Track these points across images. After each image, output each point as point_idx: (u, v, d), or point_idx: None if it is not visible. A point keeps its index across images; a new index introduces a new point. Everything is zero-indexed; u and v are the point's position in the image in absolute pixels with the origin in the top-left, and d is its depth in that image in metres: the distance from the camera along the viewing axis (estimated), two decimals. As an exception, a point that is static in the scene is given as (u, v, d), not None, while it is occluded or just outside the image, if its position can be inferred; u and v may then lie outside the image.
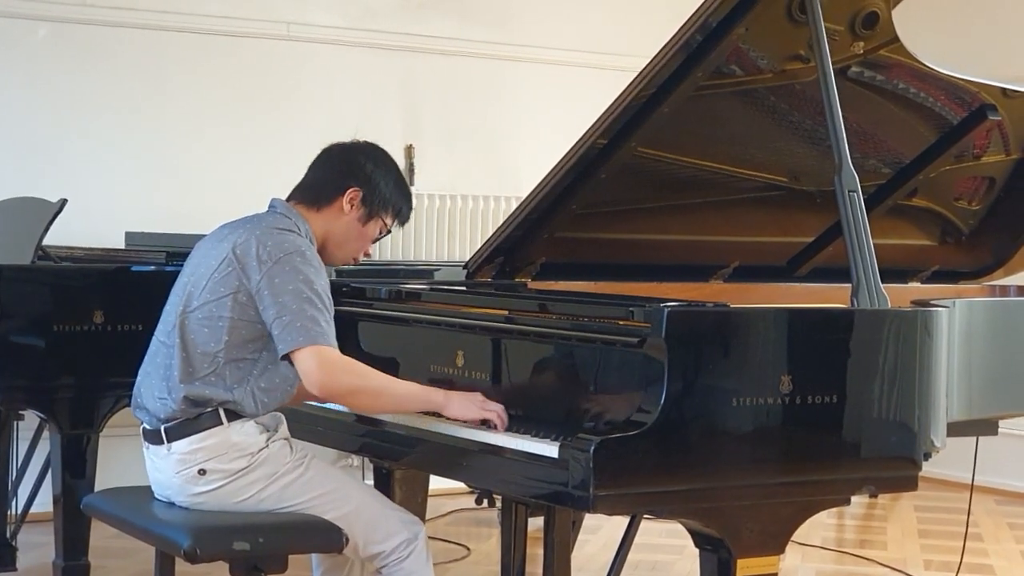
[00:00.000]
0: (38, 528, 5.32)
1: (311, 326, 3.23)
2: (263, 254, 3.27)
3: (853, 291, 3.27)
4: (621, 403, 3.02)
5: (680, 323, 2.93)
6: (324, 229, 3.46)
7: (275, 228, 3.35)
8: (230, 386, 3.30)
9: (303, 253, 3.29)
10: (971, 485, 5.30)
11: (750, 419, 2.98)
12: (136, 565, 5.23)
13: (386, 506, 3.46)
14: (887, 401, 3.14)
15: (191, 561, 3.11)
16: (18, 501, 5.03)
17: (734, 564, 3.02)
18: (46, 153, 6.15)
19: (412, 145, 7.17)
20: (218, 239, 3.41)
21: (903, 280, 4.59)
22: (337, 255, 3.52)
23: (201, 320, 3.32)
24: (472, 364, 3.45)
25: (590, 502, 2.84)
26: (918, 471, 3.21)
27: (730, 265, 4.32)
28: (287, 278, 3.25)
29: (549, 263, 4.05)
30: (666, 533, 5.71)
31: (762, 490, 3.04)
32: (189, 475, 3.29)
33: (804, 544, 5.88)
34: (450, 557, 5.55)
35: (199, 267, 3.38)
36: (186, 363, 3.31)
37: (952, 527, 6.22)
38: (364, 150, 3.54)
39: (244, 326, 3.29)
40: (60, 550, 4.61)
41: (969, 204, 4.61)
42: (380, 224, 3.51)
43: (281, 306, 3.24)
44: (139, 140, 6.38)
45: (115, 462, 5.01)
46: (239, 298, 3.29)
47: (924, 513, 6.76)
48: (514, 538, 3.76)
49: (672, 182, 4.02)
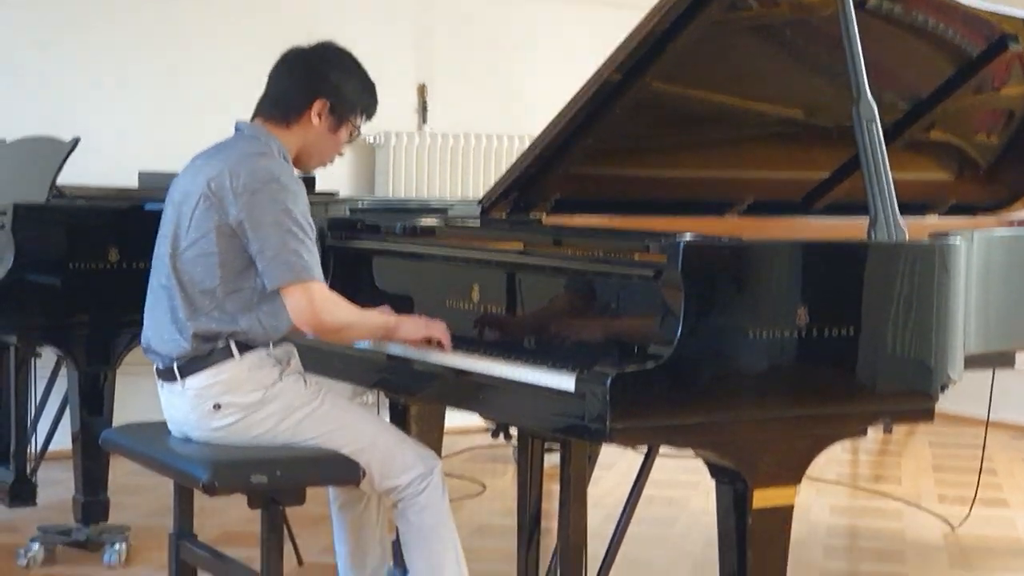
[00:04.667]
0: (57, 465, 5.36)
1: (295, 260, 3.24)
2: (237, 186, 3.26)
3: (871, 223, 3.25)
4: (637, 336, 3.01)
5: (696, 256, 2.92)
6: (296, 143, 3.46)
7: (246, 154, 3.33)
8: (235, 317, 3.30)
9: (278, 180, 3.28)
10: (986, 421, 5.31)
11: (766, 352, 2.98)
12: (155, 501, 5.27)
13: (402, 440, 3.47)
14: (904, 333, 3.14)
15: (209, 494, 3.13)
16: (37, 438, 5.06)
17: (750, 495, 3.02)
18: (58, 93, 6.14)
19: (425, 84, 7.15)
20: (193, 173, 3.40)
21: (920, 214, 4.56)
22: (311, 164, 3.55)
23: (193, 259, 3.33)
24: (488, 298, 3.44)
25: (606, 434, 2.84)
26: (935, 403, 3.20)
27: (745, 201, 4.31)
28: (266, 209, 3.25)
29: (563, 199, 4.03)
30: (682, 469, 5.73)
31: (779, 422, 3.03)
32: (204, 410, 3.30)
33: (819, 480, 5.91)
34: (466, 494, 5.58)
35: (181, 205, 3.38)
36: (188, 302, 3.32)
37: (967, 462, 6.24)
38: (325, 56, 3.50)
39: (234, 257, 3.30)
40: (80, 486, 4.66)
41: (987, 137, 4.58)
42: (350, 127, 3.51)
43: (263, 240, 3.24)
44: (151, 79, 6.36)
45: (132, 400, 5.02)
46: (223, 231, 3.29)
47: (939, 449, 6.78)
48: (530, 474, 3.76)
49: (687, 117, 4.00)
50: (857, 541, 5.22)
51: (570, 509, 3.65)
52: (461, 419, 5.35)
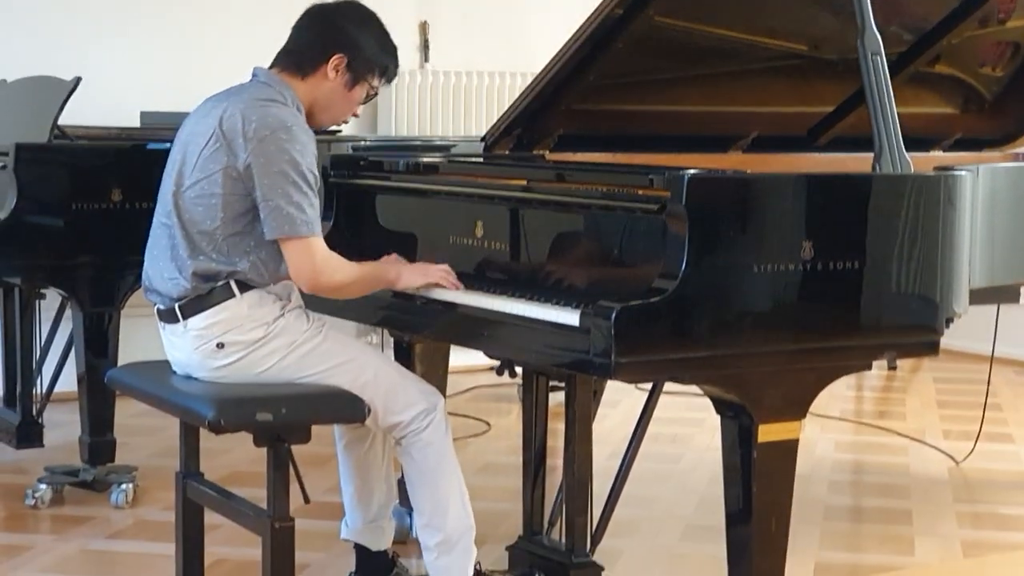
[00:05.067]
0: (63, 407, 5.37)
1: (296, 214, 3.23)
2: (248, 130, 3.24)
3: (876, 156, 3.24)
4: (641, 271, 3.00)
5: (700, 189, 2.91)
6: (310, 96, 3.43)
7: (259, 100, 3.31)
8: (232, 259, 3.29)
9: (288, 129, 3.26)
10: (991, 356, 5.32)
11: (771, 285, 2.97)
12: (160, 442, 5.28)
13: (405, 376, 3.47)
14: (909, 267, 3.13)
15: (215, 432, 3.14)
16: (42, 380, 5.07)
17: (755, 430, 3.02)
18: (59, 33, 6.10)
19: (426, 22, 7.11)
20: (203, 114, 3.38)
21: (925, 149, 4.54)
22: (324, 119, 3.51)
23: (195, 199, 3.31)
24: (491, 234, 3.44)
25: (611, 369, 2.84)
26: (940, 336, 3.20)
27: (749, 135, 4.29)
28: (273, 158, 3.23)
29: (567, 135, 4.03)
30: (686, 407, 5.74)
31: (784, 356, 3.03)
32: (207, 350, 3.30)
33: (823, 416, 5.92)
34: (470, 432, 5.60)
35: (188, 145, 3.36)
36: (188, 241, 3.31)
37: (971, 398, 6.24)
38: (346, 12, 3.48)
39: (237, 201, 3.28)
40: (86, 426, 4.67)
41: (993, 70, 4.55)
42: (366, 87, 3.48)
43: (267, 188, 3.23)
44: (153, 19, 6.32)
45: (136, 341, 5.03)
46: (230, 173, 3.27)
47: (943, 385, 6.79)
48: (535, 411, 3.77)
49: (690, 51, 3.97)
50: (862, 476, 5.24)
51: (575, 446, 3.66)
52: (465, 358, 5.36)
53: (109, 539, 4.30)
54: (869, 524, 4.60)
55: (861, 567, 4.12)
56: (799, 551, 4.03)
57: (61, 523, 4.43)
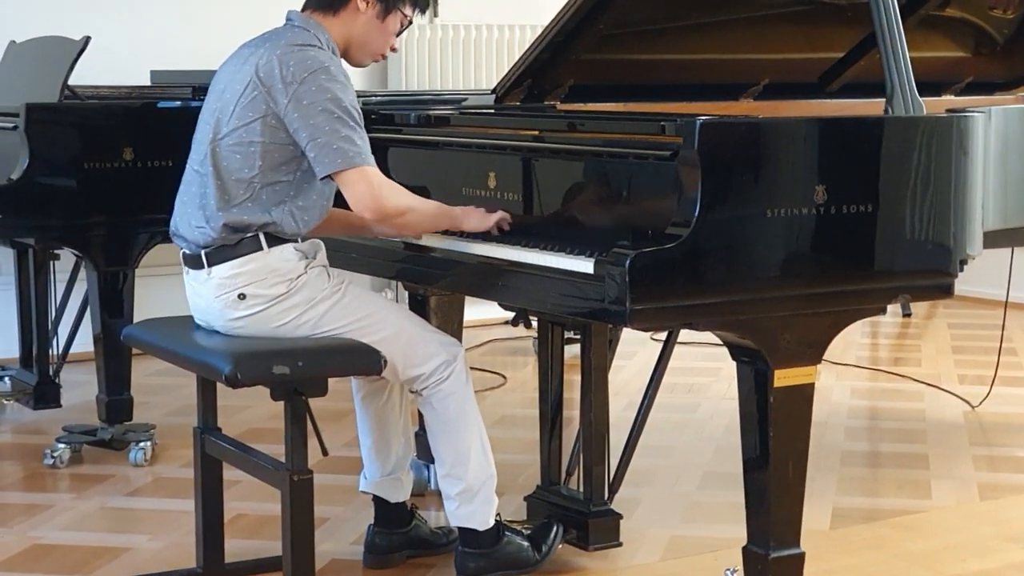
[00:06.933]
0: (80, 367, 5.40)
1: (347, 147, 3.22)
2: (287, 75, 3.24)
3: (888, 98, 3.23)
4: (655, 218, 3.00)
5: (712, 135, 2.90)
6: (344, 33, 3.41)
7: (295, 45, 3.29)
8: (268, 208, 3.28)
9: (327, 69, 3.25)
10: (1005, 301, 5.31)
11: (784, 230, 2.97)
12: (178, 400, 5.30)
13: (424, 329, 3.47)
14: (922, 209, 3.12)
15: (232, 386, 3.14)
16: (59, 340, 5.09)
17: (771, 375, 3.02)
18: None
19: (436, -24, 7.07)
20: (240, 61, 3.37)
21: (937, 93, 4.53)
22: (361, 56, 3.48)
23: (232, 147, 3.30)
24: (504, 185, 3.43)
25: (626, 316, 2.84)
26: (954, 279, 3.20)
27: (760, 83, 4.28)
28: (315, 98, 3.22)
29: (577, 85, 4.02)
30: (702, 356, 5.75)
31: (798, 301, 3.03)
32: (229, 299, 3.30)
33: (838, 363, 5.92)
34: (486, 385, 5.61)
35: (224, 93, 3.35)
36: (222, 191, 3.30)
37: (986, 343, 6.24)
38: None
39: (276, 149, 3.27)
40: (103, 386, 4.69)
41: (1004, 12, 4.52)
42: (399, 16, 3.45)
43: (314, 128, 3.22)
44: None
45: (151, 300, 5.05)
46: (269, 121, 3.26)
47: (958, 330, 6.78)
48: (551, 363, 3.78)
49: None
50: (878, 422, 5.24)
51: (591, 397, 3.67)
52: (480, 312, 5.38)
53: (128, 496, 4.32)
54: (886, 469, 4.61)
55: (879, 511, 4.13)
56: (817, 497, 4.05)
57: (80, 482, 4.45)
